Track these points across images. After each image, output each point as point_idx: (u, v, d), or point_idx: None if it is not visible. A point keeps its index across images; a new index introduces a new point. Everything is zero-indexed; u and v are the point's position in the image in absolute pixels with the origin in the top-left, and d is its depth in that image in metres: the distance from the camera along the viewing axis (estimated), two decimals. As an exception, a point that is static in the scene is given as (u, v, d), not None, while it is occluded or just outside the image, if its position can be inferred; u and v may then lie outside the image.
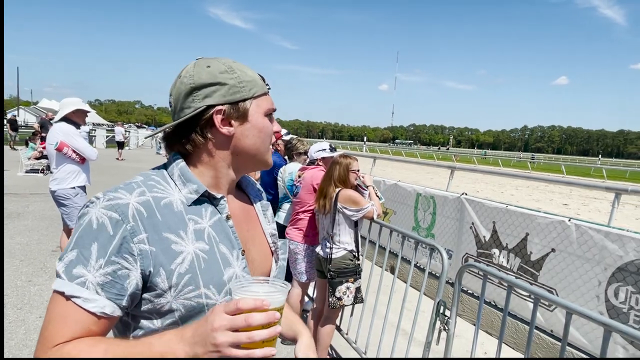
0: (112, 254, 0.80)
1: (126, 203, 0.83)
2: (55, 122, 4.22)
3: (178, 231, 0.86)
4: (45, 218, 7.00)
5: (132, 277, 0.81)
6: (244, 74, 0.94)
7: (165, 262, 0.83)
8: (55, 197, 4.22)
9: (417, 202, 5.32)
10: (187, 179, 0.92)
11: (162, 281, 0.83)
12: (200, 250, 0.88)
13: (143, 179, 0.91)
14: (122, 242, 0.80)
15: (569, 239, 3.41)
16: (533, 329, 1.80)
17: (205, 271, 0.87)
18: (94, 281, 0.78)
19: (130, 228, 0.81)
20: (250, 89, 0.94)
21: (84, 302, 0.78)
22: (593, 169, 36.19)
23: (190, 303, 0.86)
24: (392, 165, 25.02)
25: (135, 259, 0.81)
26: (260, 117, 0.96)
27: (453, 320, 2.28)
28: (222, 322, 0.71)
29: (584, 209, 13.42)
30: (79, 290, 0.78)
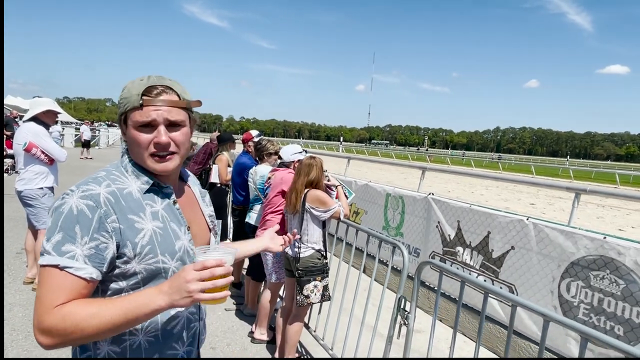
0: (93, 232, 1.02)
1: (98, 193, 1.06)
2: (25, 121, 4.15)
3: (139, 213, 1.11)
4: (9, 219, 6.79)
5: (110, 249, 1.05)
6: (127, 91, 1.14)
7: (131, 237, 1.08)
8: (21, 198, 4.13)
9: (387, 202, 5.45)
10: (139, 173, 1.17)
11: (129, 251, 1.08)
12: (156, 227, 1.13)
13: (105, 174, 1.13)
14: (99, 222, 1.03)
15: (527, 237, 3.58)
16: (483, 318, 1.91)
17: (161, 243, 1.13)
18: (82, 254, 1.01)
19: (104, 212, 1.05)
20: (125, 105, 1.14)
21: (76, 271, 1.00)
22: (561, 170, 37.48)
23: (150, 267, 1.11)
24: (367, 166, 25.29)
25: (110, 235, 1.05)
26: (131, 129, 1.14)
27: (412, 314, 2.37)
28: (193, 275, 0.98)
29: (549, 208, 13.94)
30: (71, 262, 1.00)
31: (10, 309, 3.74)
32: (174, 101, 1.15)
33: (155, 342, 1.16)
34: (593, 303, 3.03)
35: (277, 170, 3.69)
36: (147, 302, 0.99)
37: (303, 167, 3.19)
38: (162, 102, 1.13)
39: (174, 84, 1.18)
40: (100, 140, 28.99)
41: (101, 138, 29.40)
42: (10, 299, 3.96)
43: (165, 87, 1.15)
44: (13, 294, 4.06)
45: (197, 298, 0.98)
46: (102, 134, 30.41)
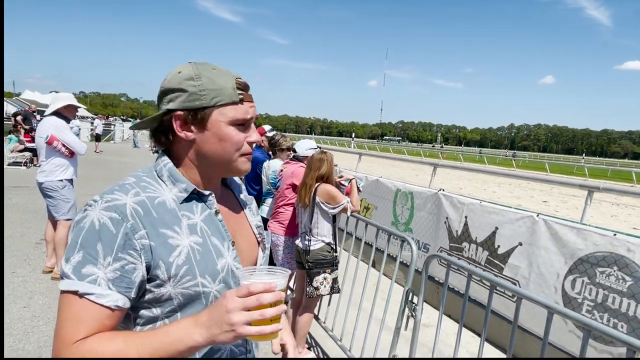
0: (118, 250, 0.86)
1: (123, 203, 0.89)
2: (46, 115, 4.29)
3: (173, 227, 0.93)
4: (29, 211, 6.99)
5: (138, 270, 0.88)
6: (210, 82, 0.96)
7: (164, 255, 0.90)
8: (42, 189, 4.28)
9: (396, 198, 5.48)
10: (176, 179, 0.99)
11: (162, 273, 0.90)
12: (194, 243, 0.95)
13: (135, 180, 0.97)
14: (125, 239, 0.86)
15: (537, 234, 3.59)
16: (489, 312, 1.96)
17: (200, 262, 0.95)
18: (105, 277, 0.84)
19: (131, 226, 0.87)
20: (212, 98, 0.96)
21: (98, 298, 0.84)
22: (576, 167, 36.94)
23: (188, 292, 0.93)
24: (378, 162, 25.24)
25: (139, 254, 0.88)
26: (222, 125, 0.98)
27: (420, 307, 2.42)
28: (235, 303, 0.80)
29: (562, 206, 13.80)
30: (92, 288, 0.83)
31: (31, 297, 3.89)
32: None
33: None
34: (597, 300, 3.04)
35: (288, 164, 3.76)
36: (182, 337, 0.82)
37: (314, 161, 3.25)
38: (252, 98, 1.02)
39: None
40: (115, 134, 29.43)
41: (116, 133, 29.84)
42: (30, 287, 4.11)
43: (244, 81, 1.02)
44: (33, 283, 4.21)
45: (240, 332, 0.80)
46: (117, 129, 30.86)
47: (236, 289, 0.83)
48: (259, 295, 0.80)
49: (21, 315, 3.53)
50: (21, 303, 3.75)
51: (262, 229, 1.21)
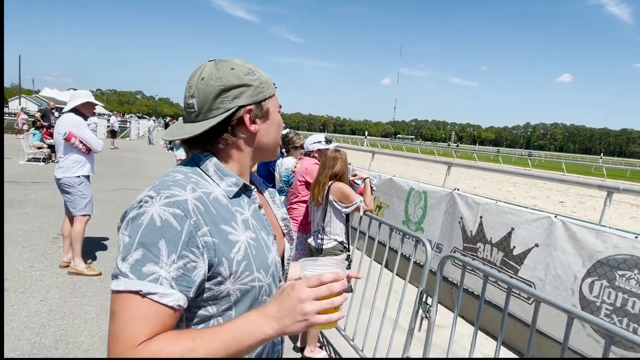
0: (182, 248, 0.83)
1: (185, 199, 0.87)
2: (65, 112, 4.36)
3: (230, 222, 0.93)
4: (47, 206, 7.12)
5: (199, 269, 0.85)
6: (261, 75, 1.03)
7: (226, 252, 0.89)
8: (59, 185, 4.35)
9: (408, 196, 5.43)
10: (224, 174, 0.99)
11: (224, 270, 0.89)
12: (250, 238, 0.96)
13: (183, 176, 0.94)
14: (189, 236, 0.84)
15: (554, 235, 3.52)
16: (506, 315, 1.92)
17: (256, 257, 0.95)
18: (168, 276, 0.81)
19: (194, 222, 0.85)
20: (267, 89, 1.03)
21: (161, 297, 0.80)
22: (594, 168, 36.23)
23: (246, 287, 0.93)
24: (391, 160, 25.10)
25: (201, 252, 0.85)
26: (275, 113, 1.07)
27: (434, 308, 2.39)
28: (307, 293, 0.81)
29: (580, 206, 13.53)
30: (154, 287, 0.80)
31: (47, 291, 3.95)
32: None
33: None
34: (616, 304, 2.96)
35: (302, 159, 3.75)
36: (251, 331, 0.81)
37: (328, 159, 3.23)
38: None
39: None
40: (131, 131, 29.80)
41: (132, 130, 30.21)
42: (48, 281, 4.18)
43: None
44: (50, 277, 4.28)
45: (312, 321, 0.81)
46: (133, 126, 31.25)
47: (305, 280, 0.83)
48: (330, 285, 0.82)
49: (38, 309, 3.59)
50: (38, 297, 3.81)
51: (287, 222, 1.20)
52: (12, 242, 5.18)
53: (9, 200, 7.38)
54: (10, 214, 6.47)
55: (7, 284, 4.01)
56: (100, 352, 3.05)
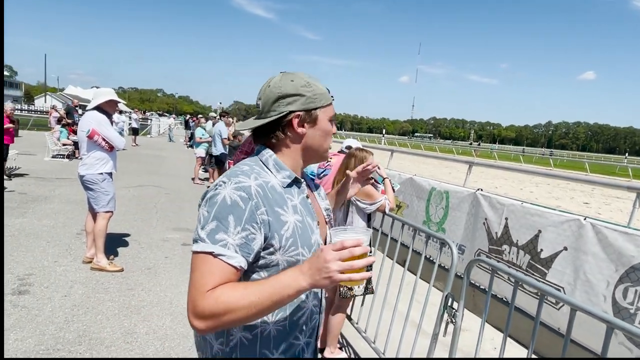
0: (245, 222, 1.07)
1: (249, 185, 1.11)
2: (89, 110, 4.42)
3: (282, 206, 1.16)
4: (71, 202, 7.26)
5: (257, 240, 1.09)
6: (317, 88, 1.24)
7: (278, 229, 1.12)
8: (83, 182, 4.41)
9: (430, 196, 5.34)
10: (280, 168, 1.22)
11: (276, 242, 1.12)
12: (297, 220, 1.18)
13: (248, 168, 1.18)
14: (251, 213, 1.08)
15: (583, 238, 3.39)
16: (537, 324, 1.84)
17: (301, 236, 1.17)
18: (234, 243, 1.05)
19: (255, 203, 1.09)
20: (320, 100, 1.23)
21: (228, 259, 1.04)
22: (619, 168, 35.20)
23: (292, 259, 1.15)
24: (409, 159, 24.86)
25: (259, 226, 1.09)
26: (325, 122, 1.25)
27: (460, 313, 2.32)
28: (332, 255, 0.97)
29: (605, 208, 13.15)
30: (224, 250, 1.04)
31: (71, 286, 4.01)
32: None
33: (283, 331, 1.19)
34: (655, 312, 2.84)
35: (336, 155, 3.75)
36: (291, 282, 1.00)
37: (345, 157, 3.21)
38: None
39: None
40: (152, 129, 30.26)
41: (152, 127, 30.67)
42: (71, 276, 4.24)
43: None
44: (74, 272, 4.35)
45: (335, 278, 0.97)
46: (154, 123, 31.71)
47: (331, 244, 0.99)
48: (351, 249, 0.97)
49: (62, 304, 3.64)
50: (62, 292, 3.87)
51: (329, 211, 1.42)
52: (37, 237, 5.29)
53: (36, 195, 7.56)
54: (36, 209, 6.61)
55: (33, 278, 4.09)
56: (123, 349, 3.07)
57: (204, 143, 11.35)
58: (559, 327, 3.43)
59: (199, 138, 11.48)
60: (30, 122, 23.50)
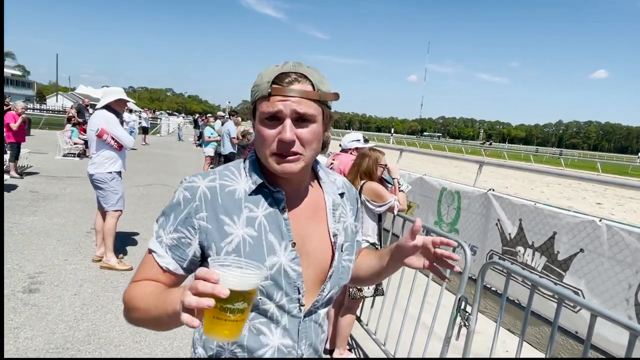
0: (179, 224, 1.00)
1: (197, 186, 1.01)
2: (98, 109, 4.42)
3: (232, 216, 1.00)
4: (81, 200, 7.31)
5: (192, 246, 1.00)
6: (261, 77, 0.99)
7: (217, 239, 0.99)
8: (92, 180, 4.41)
9: (441, 196, 5.27)
10: (252, 171, 1.05)
11: (213, 254, 0.99)
12: (248, 235, 0.99)
13: (223, 168, 1.07)
14: (187, 216, 0.99)
15: (599, 240, 3.32)
16: (556, 329, 1.78)
17: (248, 254, 0.97)
18: (166, 242, 1.00)
19: (195, 207, 0.99)
20: (255, 93, 0.99)
21: (157, 257, 1.00)
22: (631, 168, 34.67)
23: None
24: (418, 158, 24.70)
25: (195, 232, 0.99)
26: (257, 121, 0.99)
27: (474, 316, 2.27)
28: (192, 283, 0.74)
29: (618, 208, 12.93)
30: (157, 247, 1.01)
31: (81, 285, 4.02)
32: (306, 92, 0.96)
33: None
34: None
35: (339, 155, 3.69)
36: (173, 299, 0.81)
37: (357, 157, 3.16)
38: (292, 92, 0.95)
39: (311, 71, 1.00)
40: (161, 128, 30.43)
41: (162, 126, 30.84)
42: (81, 275, 4.25)
43: (299, 75, 0.97)
44: (84, 271, 4.36)
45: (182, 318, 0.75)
46: (163, 122, 31.88)
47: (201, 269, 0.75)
48: (197, 281, 0.72)
49: (72, 303, 3.65)
50: (72, 290, 3.88)
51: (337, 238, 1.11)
52: (48, 235, 5.32)
53: (47, 194, 7.62)
54: (47, 207, 6.66)
55: (43, 276, 4.10)
56: (131, 348, 3.06)
57: (213, 142, 11.36)
58: (577, 331, 3.36)
59: (208, 137, 11.50)
60: (42, 121, 23.75)
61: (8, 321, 3.25)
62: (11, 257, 4.48)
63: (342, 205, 1.17)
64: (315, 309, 1.08)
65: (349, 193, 1.23)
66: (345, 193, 1.20)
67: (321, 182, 1.15)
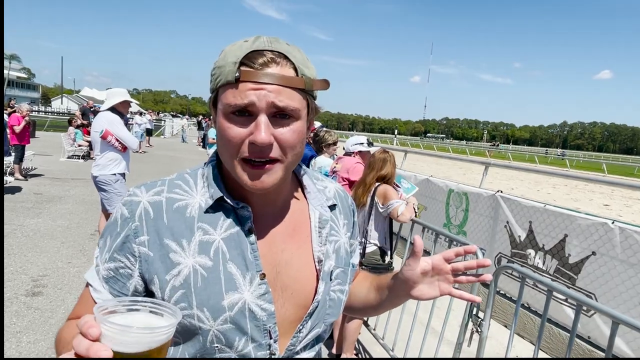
0: (114, 250, 0.77)
1: (138, 201, 0.78)
2: (102, 111, 4.40)
3: (181, 240, 0.76)
4: (85, 202, 7.29)
5: (133, 278, 0.77)
6: (224, 56, 0.73)
7: (161, 271, 0.75)
8: (96, 182, 4.39)
9: (448, 198, 5.21)
10: (210, 181, 0.81)
11: (156, 290, 0.75)
12: (200, 265, 0.76)
13: (175, 177, 0.83)
14: (124, 240, 0.76)
15: (611, 242, 3.25)
16: (574, 337, 1.72)
17: (200, 291, 0.75)
18: (102, 273, 0.78)
19: (135, 228, 0.76)
20: (217, 77, 0.73)
21: (93, 291, 0.78)
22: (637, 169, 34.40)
23: (183, 321, 0.74)
24: (423, 160, 24.61)
25: (135, 260, 0.76)
26: (220, 115, 0.74)
27: (487, 322, 2.21)
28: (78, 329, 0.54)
29: (626, 210, 12.79)
30: (93, 279, 0.79)
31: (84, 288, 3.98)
32: (288, 77, 0.71)
33: None
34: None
35: (341, 159, 3.64)
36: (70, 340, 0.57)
37: (376, 161, 3.10)
38: (269, 77, 0.70)
39: (291, 49, 0.75)
40: (165, 130, 30.48)
41: (166, 128, 30.88)
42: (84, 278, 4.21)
43: (276, 55, 0.72)
44: (87, 274, 4.32)
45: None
46: (167, 124, 31.93)
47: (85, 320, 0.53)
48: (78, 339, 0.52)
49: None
50: (75, 294, 3.84)
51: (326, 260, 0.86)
52: (51, 237, 5.29)
53: (51, 196, 7.61)
54: (51, 209, 6.64)
55: (46, 279, 4.07)
56: (135, 353, 3.02)
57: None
58: (589, 336, 3.29)
59: (212, 139, 11.48)
60: (47, 123, 23.85)
61: (11, 325, 3.22)
62: (15, 260, 4.45)
63: (333, 221, 0.91)
64: (293, 355, 0.82)
65: (343, 204, 0.96)
66: (337, 205, 0.94)
67: (306, 192, 0.90)
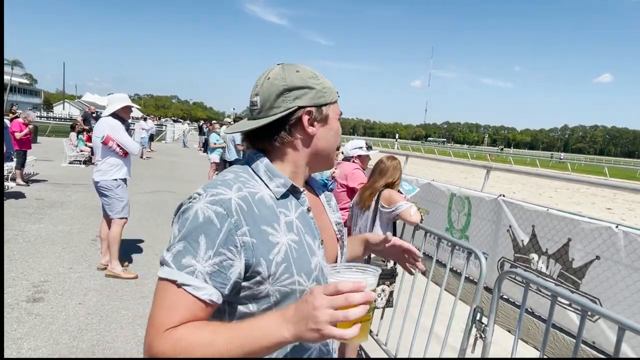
0: (219, 245, 0.86)
1: (229, 198, 0.90)
2: (104, 116, 4.40)
3: (273, 224, 0.93)
4: (86, 207, 7.28)
5: (235, 267, 0.88)
6: (325, 81, 1.05)
7: (265, 253, 0.90)
8: (97, 188, 4.37)
9: (450, 203, 5.19)
10: (273, 175, 1.00)
11: (263, 270, 0.90)
12: (292, 241, 0.95)
13: (234, 175, 0.97)
14: (228, 235, 0.87)
15: (615, 247, 3.22)
16: (579, 343, 1.70)
17: (297, 260, 0.94)
18: (203, 271, 0.85)
19: (235, 222, 0.88)
20: (330, 95, 1.04)
21: (195, 290, 0.84)
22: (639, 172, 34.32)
23: (285, 289, 0.93)
24: (424, 164, 24.58)
25: (238, 251, 0.87)
26: (335, 120, 1.07)
27: (490, 328, 2.18)
28: (322, 301, 0.75)
29: (629, 214, 12.75)
30: (190, 279, 0.84)
31: (85, 294, 3.97)
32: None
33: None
34: None
35: (340, 164, 3.62)
36: (270, 331, 0.79)
37: (389, 168, 3.14)
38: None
39: None
40: (166, 135, 30.54)
41: (167, 133, 30.95)
42: (86, 283, 4.20)
43: None
44: (88, 279, 4.31)
45: (325, 332, 0.74)
46: (169, 129, 32.00)
47: (324, 286, 0.78)
48: (348, 295, 0.75)
49: (76, 312, 3.59)
50: (77, 299, 3.83)
51: (341, 226, 1.19)
52: (53, 243, 5.28)
53: (52, 201, 7.61)
54: (52, 215, 6.64)
55: (47, 285, 4.05)
56: (136, 359, 3.00)
57: (218, 149, 11.34)
58: (594, 341, 3.26)
59: (213, 144, 11.47)
60: (49, 128, 23.90)
61: (11, 331, 3.20)
62: (16, 266, 4.44)
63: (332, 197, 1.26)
64: None
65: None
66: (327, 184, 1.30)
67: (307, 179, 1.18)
